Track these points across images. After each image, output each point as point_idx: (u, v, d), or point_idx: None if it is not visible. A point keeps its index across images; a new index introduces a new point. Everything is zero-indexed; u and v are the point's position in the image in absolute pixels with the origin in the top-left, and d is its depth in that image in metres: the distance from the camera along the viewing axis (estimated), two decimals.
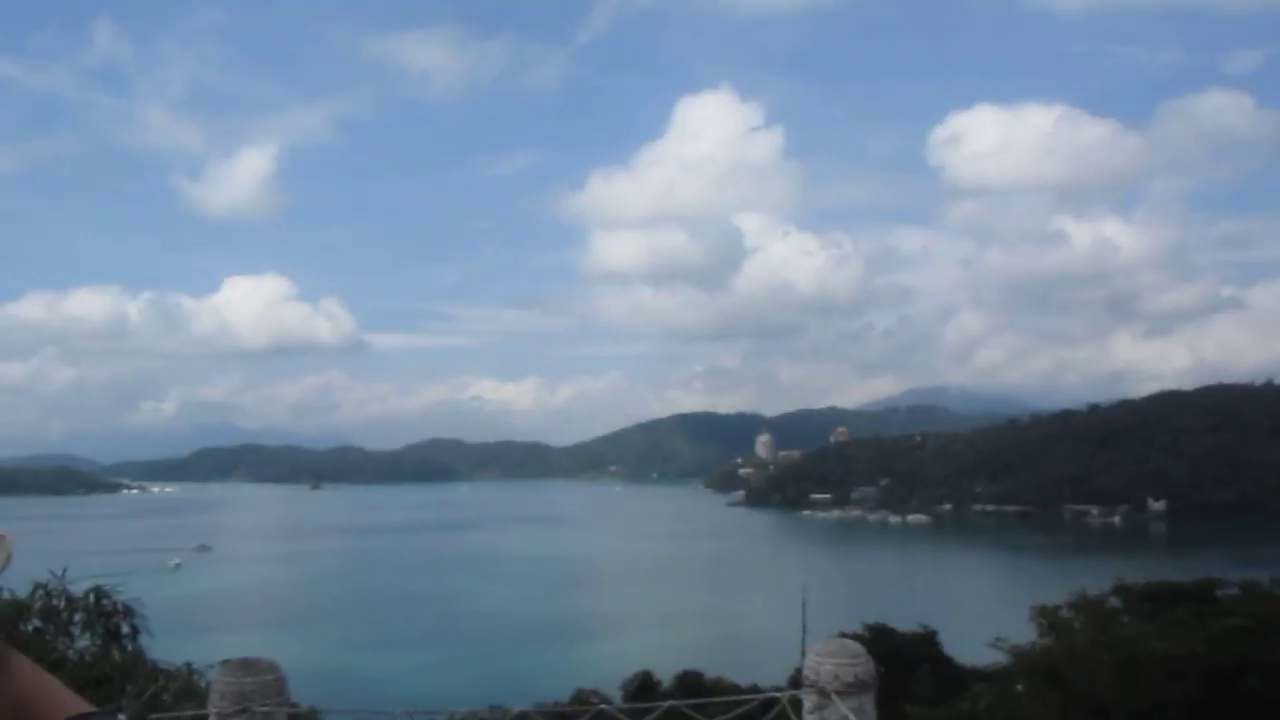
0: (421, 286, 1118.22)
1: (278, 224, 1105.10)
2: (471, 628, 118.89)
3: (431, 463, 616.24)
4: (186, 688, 9.15)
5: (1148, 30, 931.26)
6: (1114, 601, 27.39)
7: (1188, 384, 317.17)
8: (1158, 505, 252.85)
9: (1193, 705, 20.33)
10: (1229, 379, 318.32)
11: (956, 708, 30.37)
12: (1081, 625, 25.68)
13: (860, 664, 6.76)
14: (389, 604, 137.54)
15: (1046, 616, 26.74)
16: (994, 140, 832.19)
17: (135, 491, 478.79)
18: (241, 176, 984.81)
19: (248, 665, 6.02)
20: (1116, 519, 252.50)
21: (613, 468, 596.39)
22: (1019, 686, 27.62)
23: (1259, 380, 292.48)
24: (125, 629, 9.27)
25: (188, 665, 9.32)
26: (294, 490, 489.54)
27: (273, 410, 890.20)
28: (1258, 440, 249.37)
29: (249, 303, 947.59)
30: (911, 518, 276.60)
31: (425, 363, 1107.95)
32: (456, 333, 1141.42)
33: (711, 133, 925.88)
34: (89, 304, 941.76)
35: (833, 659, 6.75)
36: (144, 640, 10.15)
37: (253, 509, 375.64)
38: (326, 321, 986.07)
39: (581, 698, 53.66)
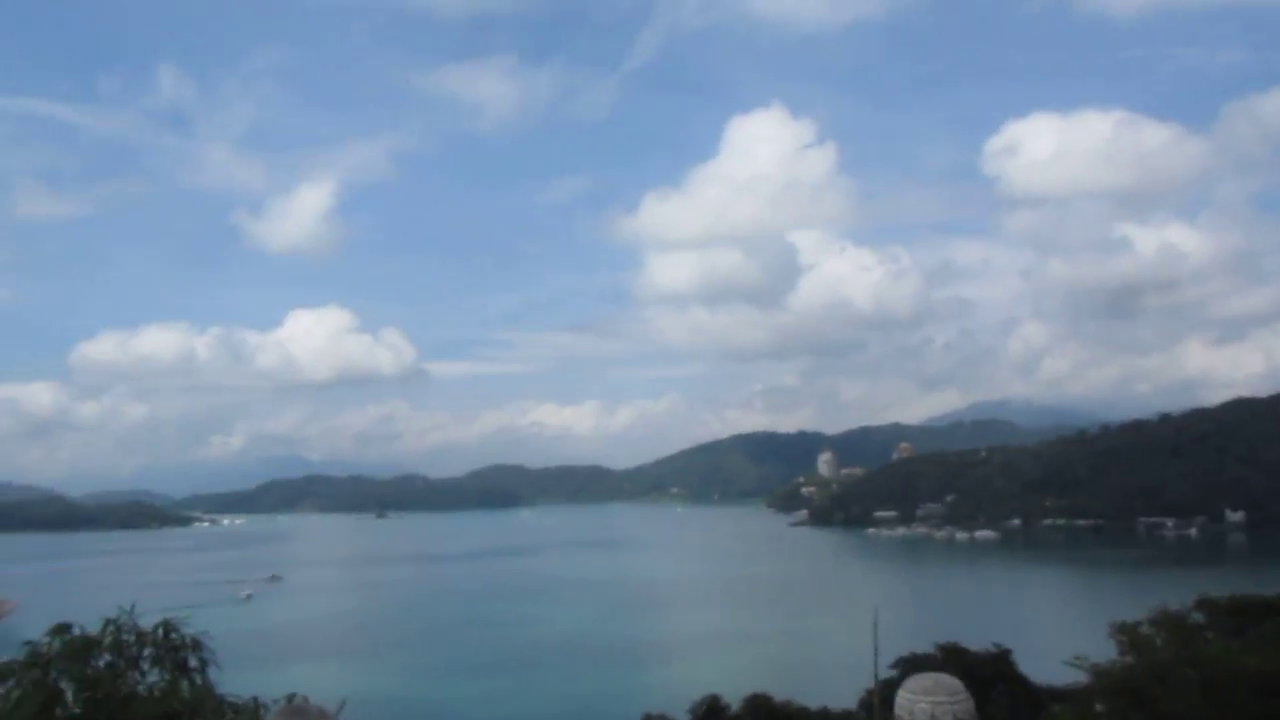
0: (479, 314, 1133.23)
1: (338, 257, 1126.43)
2: (538, 653, 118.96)
3: (494, 489, 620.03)
4: None
5: (1207, 31, 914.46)
6: (1197, 617, 26.64)
7: (1262, 390, 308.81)
8: (1235, 516, 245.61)
9: None
10: None
11: None
12: (1164, 642, 24.97)
13: (959, 701, 5.86)
14: (456, 631, 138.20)
15: (1126, 633, 26.05)
16: (1051, 148, 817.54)
17: (206, 524, 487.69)
18: (301, 212, 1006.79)
19: (296, 712, 5.70)
20: (1193, 531, 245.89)
21: (674, 489, 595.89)
22: (1099, 707, 26.84)
23: None
24: (194, 662, 9.28)
25: (255, 699, 9.30)
26: (360, 520, 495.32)
27: (337, 441, 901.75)
28: None
29: (311, 336, 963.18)
30: (979, 534, 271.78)
31: (485, 389, 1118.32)
32: (514, 359, 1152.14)
33: (764, 151, 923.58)
34: (158, 341, 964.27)
35: (928, 696, 5.85)
36: (214, 673, 10.13)
37: (320, 539, 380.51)
38: (387, 352, 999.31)
39: None
